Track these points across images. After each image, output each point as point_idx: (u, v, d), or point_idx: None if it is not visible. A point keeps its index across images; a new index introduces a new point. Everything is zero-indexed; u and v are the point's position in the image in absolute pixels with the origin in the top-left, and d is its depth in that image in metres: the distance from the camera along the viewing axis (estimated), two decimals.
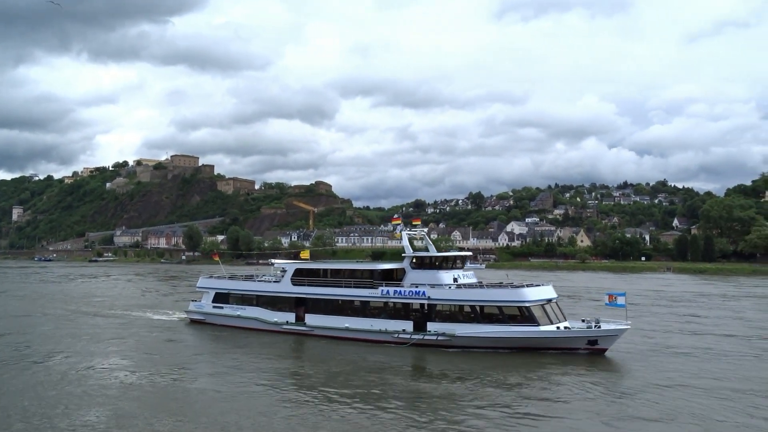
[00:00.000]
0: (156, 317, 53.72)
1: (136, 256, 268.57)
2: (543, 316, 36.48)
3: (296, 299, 44.23)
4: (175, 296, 76.84)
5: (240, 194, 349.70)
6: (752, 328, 47.61)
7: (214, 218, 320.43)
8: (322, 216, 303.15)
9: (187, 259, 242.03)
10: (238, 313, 47.16)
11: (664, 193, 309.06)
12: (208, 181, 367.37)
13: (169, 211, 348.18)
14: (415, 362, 34.86)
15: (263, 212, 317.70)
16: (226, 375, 31.31)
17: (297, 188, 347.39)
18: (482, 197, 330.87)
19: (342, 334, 40.89)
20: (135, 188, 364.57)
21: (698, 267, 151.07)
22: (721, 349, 37.99)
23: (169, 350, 38.48)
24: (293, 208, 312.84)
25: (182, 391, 27.98)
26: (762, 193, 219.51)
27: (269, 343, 41.01)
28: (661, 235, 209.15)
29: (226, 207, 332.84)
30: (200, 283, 51.86)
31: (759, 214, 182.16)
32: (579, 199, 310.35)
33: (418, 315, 39.13)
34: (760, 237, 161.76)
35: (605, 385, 29.00)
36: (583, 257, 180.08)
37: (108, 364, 33.85)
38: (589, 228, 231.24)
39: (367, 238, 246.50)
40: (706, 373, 31.04)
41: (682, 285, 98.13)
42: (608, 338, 35.55)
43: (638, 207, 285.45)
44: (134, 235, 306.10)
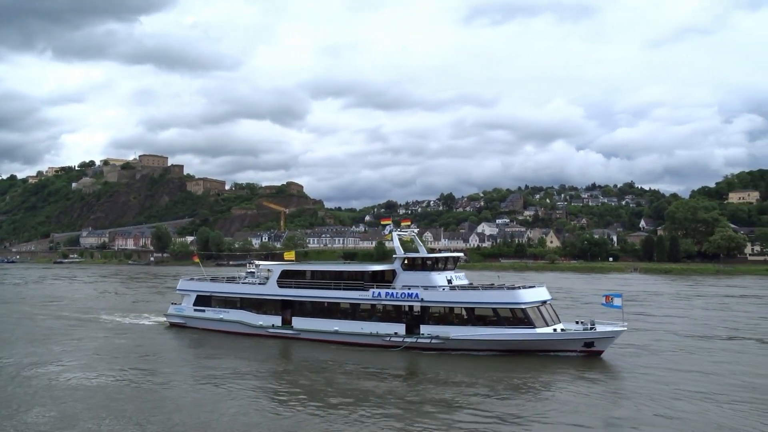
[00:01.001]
0: (133, 321, 51.94)
1: (102, 257, 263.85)
2: (539, 317, 35.79)
3: (282, 302, 42.96)
4: (150, 299, 74.97)
5: (210, 195, 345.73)
6: (695, 326, 48.90)
7: (183, 219, 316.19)
8: (293, 217, 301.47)
9: (156, 260, 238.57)
10: (221, 316, 45.71)
11: (631, 194, 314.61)
12: (178, 181, 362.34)
13: (137, 212, 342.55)
14: (408, 366, 34.08)
15: (234, 213, 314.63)
16: (203, 379, 30.33)
17: (268, 189, 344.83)
18: (453, 198, 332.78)
19: (331, 338, 39.68)
20: (102, 188, 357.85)
21: (664, 267, 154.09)
22: (657, 347, 38.48)
23: (145, 355, 37.18)
24: (264, 209, 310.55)
25: (152, 395, 27.40)
26: (725, 195, 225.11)
27: (253, 347, 39.72)
28: (628, 236, 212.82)
29: (195, 208, 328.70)
30: (180, 286, 50.32)
31: (722, 215, 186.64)
32: (548, 201, 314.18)
33: (410, 317, 38.22)
34: (723, 238, 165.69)
35: (604, 387, 28.58)
36: (553, 258, 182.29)
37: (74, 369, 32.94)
38: (559, 229, 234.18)
39: (338, 239, 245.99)
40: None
41: (641, 285, 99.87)
42: (605, 340, 35.07)
43: (606, 208, 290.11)
44: (101, 236, 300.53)
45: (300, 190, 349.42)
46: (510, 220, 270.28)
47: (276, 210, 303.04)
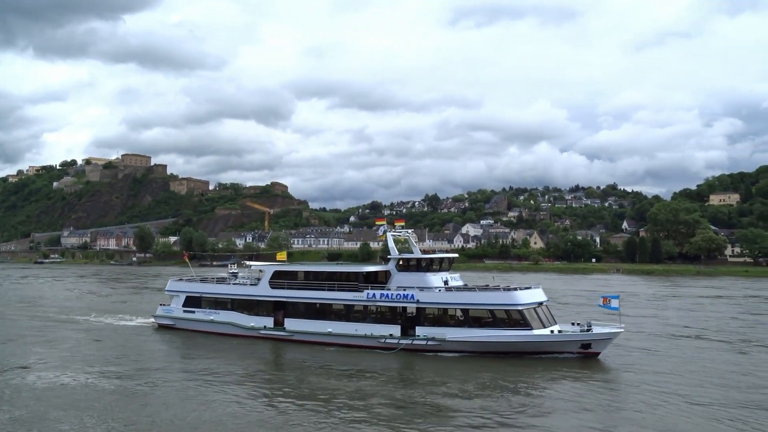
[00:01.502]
0: (119, 323, 50.91)
1: (84, 257, 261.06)
2: (536, 319, 35.41)
3: (275, 303, 42.27)
4: (136, 300, 73.82)
5: (194, 195, 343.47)
6: (665, 326, 49.31)
7: (166, 219, 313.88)
8: (277, 217, 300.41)
9: (138, 260, 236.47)
10: (212, 317, 44.89)
11: (614, 196, 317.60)
12: (161, 181, 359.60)
13: (119, 212, 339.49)
14: (403, 368, 33.58)
15: (218, 213, 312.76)
16: (192, 381, 29.71)
17: (252, 189, 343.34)
18: (438, 199, 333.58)
19: (324, 339, 39.14)
20: (84, 188, 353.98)
21: (646, 268, 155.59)
22: (630, 345, 39.00)
23: (132, 356, 36.47)
24: (248, 209, 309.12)
25: (138, 396, 26.97)
26: (706, 197, 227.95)
27: (245, 348, 39.03)
28: (610, 238, 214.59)
29: (179, 207, 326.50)
30: (169, 286, 49.45)
31: (703, 217, 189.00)
32: (532, 202, 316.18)
33: (406, 319, 37.62)
34: (704, 240, 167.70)
35: (602, 389, 28.40)
36: (537, 259, 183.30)
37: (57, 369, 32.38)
38: (542, 230, 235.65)
39: (323, 240, 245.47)
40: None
41: (620, 286, 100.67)
42: (602, 342, 34.80)
43: (589, 210, 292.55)
44: (82, 236, 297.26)
45: (284, 190, 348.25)
46: (494, 221, 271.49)
47: (260, 210, 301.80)
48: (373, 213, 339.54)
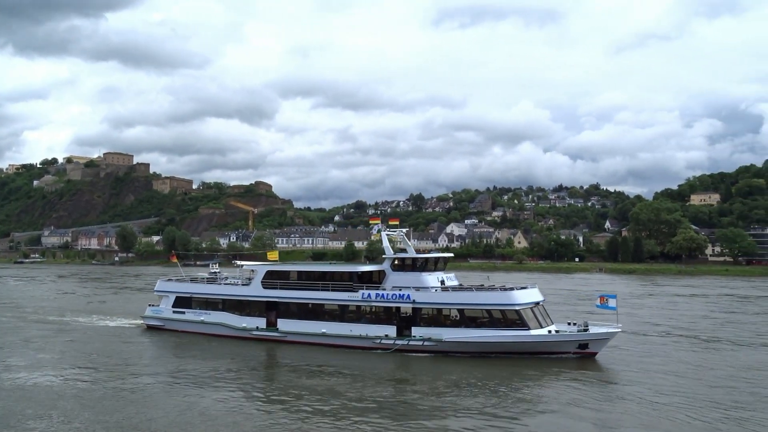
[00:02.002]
0: (106, 323, 50.08)
1: (65, 257, 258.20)
2: (533, 319, 35.22)
3: (267, 303, 41.72)
4: (122, 300, 72.80)
5: (177, 194, 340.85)
6: (638, 324, 49.79)
7: (149, 218, 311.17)
8: (262, 217, 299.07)
9: (121, 260, 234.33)
10: (202, 318, 44.27)
11: (596, 196, 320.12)
12: (143, 180, 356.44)
13: (101, 211, 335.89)
14: (399, 369, 33.24)
15: (201, 212, 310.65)
16: (181, 383, 29.46)
17: (236, 188, 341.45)
18: (423, 199, 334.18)
19: (318, 340, 38.75)
20: (65, 186, 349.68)
21: (628, 267, 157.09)
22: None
23: (120, 357, 35.89)
24: (232, 209, 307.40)
25: (126, 397, 26.66)
26: (687, 197, 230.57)
27: (237, 349, 38.59)
28: (593, 237, 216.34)
29: (162, 207, 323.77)
30: (159, 287, 48.69)
31: (684, 217, 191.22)
32: (516, 202, 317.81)
33: (401, 319, 37.35)
34: (685, 239, 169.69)
35: (600, 389, 28.33)
36: (520, 258, 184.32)
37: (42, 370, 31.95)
38: (526, 230, 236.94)
39: (307, 239, 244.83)
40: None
41: (598, 284, 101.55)
42: (599, 342, 34.67)
43: (572, 209, 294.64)
44: (63, 235, 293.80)
45: (269, 189, 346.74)
46: (478, 220, 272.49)
47: (244, 209, 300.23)
48: (358, 212, 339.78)
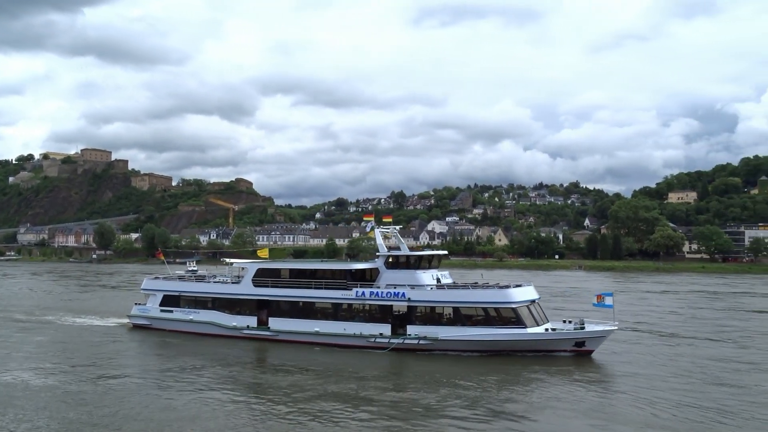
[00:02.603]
0: (90, 323, 48.97)
1: (42, 255, 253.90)
2: (529, 317, 35.18)
3: (258, 301, 41.24)
4: (105, 299, 71.33)
5: (156, 191, 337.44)
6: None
7: (127, 215, 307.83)
8: (242, 214, 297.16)
9: (99, 257, 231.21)
10: (191, 317, 43.62)
11: (576, 194, 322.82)
12: (122, 176, 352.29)
13: (78, 208, 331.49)
14: (394, 368, 32.98)
15: (181, 209, 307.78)
16: (168, 383, 28.86)
17: (216, 185, 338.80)
18: (404, 196, 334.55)
19: (311, 339, 38.26)
20: (41, 183, 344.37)
21: (607, 265, 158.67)
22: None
23: (104, 357, 35.21)
24: (212, 206, 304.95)
25: (109, 398, 26.16)
26: (665, 195, 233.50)
27: (227, 348, 37.99)
28: (573, 234, 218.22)
29: (140, 204, 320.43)
30: (145, 285, 47.89)
31: (662, 215, 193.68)
32: (497, 199, 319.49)
33: (396, 317, 37.05)
34: (662, 237, 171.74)
35: (597, 387, 28.30)
36: (501, 256, 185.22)
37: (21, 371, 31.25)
38: (507, 227, 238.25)
39: (288, 237, 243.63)
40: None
41: (574, 281, 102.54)
42: (595, 339, 34.67)
43: (553, 207, 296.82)
44: (40, 232, 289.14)
45: (249, 186, 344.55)
46: (460, 218, 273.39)
47: (224, 206, 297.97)
48: (339, 210, 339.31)
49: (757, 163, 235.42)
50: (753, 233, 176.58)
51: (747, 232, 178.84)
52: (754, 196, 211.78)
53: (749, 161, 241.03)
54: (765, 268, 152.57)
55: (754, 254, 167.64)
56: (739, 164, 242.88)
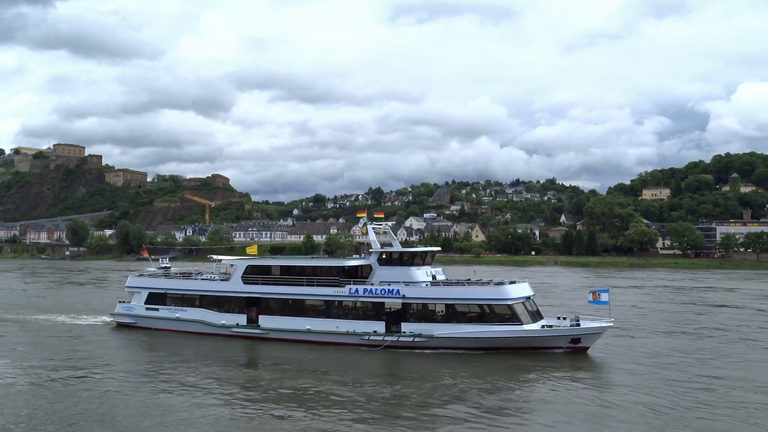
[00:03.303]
0: (72, 321, 47.48)
1: (13, 251, 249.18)
2: (525, 314, 34.91)
3: (248, 299, 40.50)
4: (86, 296, 69.32)
5: (131, 186, 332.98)
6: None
7: (101, 212, 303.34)
8: (219, 210, 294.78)
9: (72, 254, 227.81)
10: (178, 315, 42.74)
11: (552, 190, 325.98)
12: (96, 172, 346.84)
13: (51, 204, 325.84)
14: (389, 366, 32.52)
15: (156, 205, 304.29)
16: (154, 383, 28.13)
17: (192, 181, 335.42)
18: (382, 192, 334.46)
19: (303, 337, 37.63)
20: (12, 178, 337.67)
21: (582, 260, 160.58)
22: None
23: (86, 356, 34.32)
24: (188, 202, 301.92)
25: (89, 398, 25.51)
26: (639, 192, 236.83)
27: (215, 347, 37.15)
28: (549, 231, 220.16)
29: (115, 200, 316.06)
30: (130, 282, 46.58)
31: (636, 211, 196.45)
32: (474, 196, 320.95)
33: (391, 315, 36.65)
34: (637, 233, 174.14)
35: (594, 384, 28.20)
36: (478, 252, 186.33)
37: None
38: (484, 223, 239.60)
39: (266, 233, 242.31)
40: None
41: (544, 277, 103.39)
42: (591, 336, 34.46)
43: (529, 203, 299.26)
44: (11, 228, 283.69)
45: (226, 182, 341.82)
46: (437, 214, 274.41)
47: (201, 203, 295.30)
48: (317, 206, 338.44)
49: (729, 161, 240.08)
50: (724, 229, 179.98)
51: (718, 228, 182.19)
52: (725, 193, 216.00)
53: (721, 159, 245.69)
54: (735, 263, 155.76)
55: (725, 250, 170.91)
56: (711, 162, 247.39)
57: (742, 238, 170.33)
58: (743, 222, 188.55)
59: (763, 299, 69.00)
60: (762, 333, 43.24)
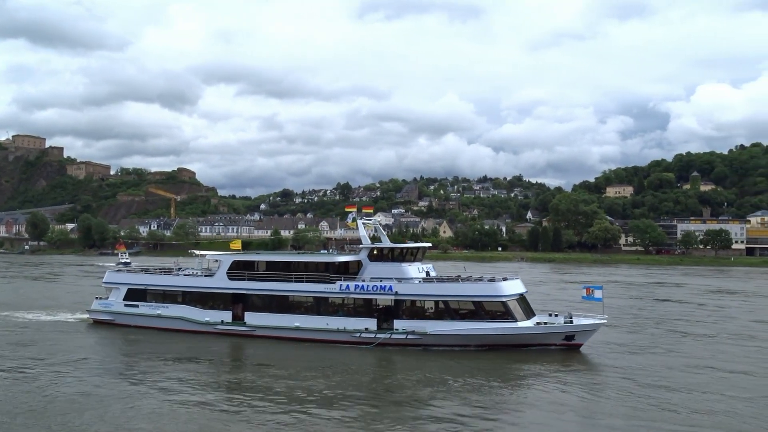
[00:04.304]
0: (42, 318, 45.60)
1: None
2: (519, 311, 34.65)
3: (233, 295, 39.42)
4: (54, 292, 66.05)
5: (93, 180, 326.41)
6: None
7: (63, 205, 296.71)
8: (184, 204, 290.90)
9: (31, 248, 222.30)
10: (159, 311, 41.39)
11: (519, 187, 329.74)
12: (57, 164, 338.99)
13: (9, 197, 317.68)
14: (381, 364, 31.81)
15: (120, 199, 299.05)
16: (133, 383, 26.92)
17: (157, 175, 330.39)
18: (350, 188, 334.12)
19: (290, 335, 36.80)
20: None
21: (548, 256, 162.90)
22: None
23: (61, 354, 32.97)
24: (153, 196, 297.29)
25: (64, 400, 24.63)
26: (603, 189, 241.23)
27: (198, 345, 36.00)
28: (516, 227, 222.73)
29: (77, 193, 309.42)
30: (108, 278, 44.90)
31: (600, 208, 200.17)
32: (442, 192, 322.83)
33: (382, 312, 35.98)
34: (600, 229, 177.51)
35: (588, 381, 28.02)
36: (445, 247, 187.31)
37: None
38: (451, 219, 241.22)
39: (232, 228, 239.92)
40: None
41: (506, 272, 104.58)
42: (585, 333, 34.24)
43: (496, 200, 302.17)
44: None
45: (192, 176, 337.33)
46: (405, 210, 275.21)
47: (166, 197, 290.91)
48: (285, 201, 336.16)
49: (690, 160, 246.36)
50: (684, 226, 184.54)
51: (679, 226, 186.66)
52: (686, 191, 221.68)
53: (682, 158, 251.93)
54: (695, 259, 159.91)
55: (685, 247, 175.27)
56: (673, 160, 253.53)
57: (701, 236, 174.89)
58: (703, 220, 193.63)
59: (707, 294, 71.04)
60: (696, 326, 44.49)
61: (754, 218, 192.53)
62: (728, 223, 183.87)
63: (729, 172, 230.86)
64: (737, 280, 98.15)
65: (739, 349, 35.89)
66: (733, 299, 66.19)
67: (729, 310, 54.90)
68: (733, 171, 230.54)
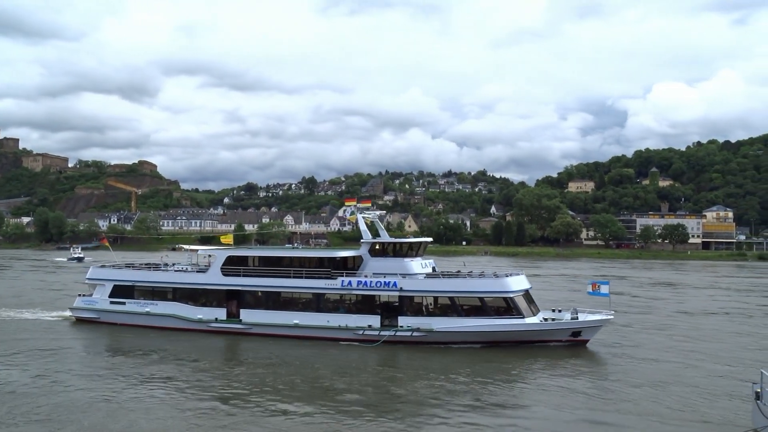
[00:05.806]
0: (21, 316, 43.66)
1: None
2: (525, 307, 34.16)
3: (228, 292, 38.24)
4: (24, 290, 62.71)
5: (50, 172, 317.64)
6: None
7: (18, 198, 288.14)
8: (146, 198, 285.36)
9: None
10: (147, 309, 40.02)
11: (483, 182, 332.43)
12: (12, 156, 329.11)
13: None
14: (386, 362, 31.01)
15: (78, 192, 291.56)
16: (119, 383, 25.89)
17: (117, 167, 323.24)
18: (315, 182, 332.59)
19: (289, 332, 35.83)
20: None
21: (511, 250, 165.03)
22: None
23: (43, 354, 31.55)
24: (113, 189, 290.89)
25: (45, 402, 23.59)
26: (565, 185, 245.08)
27: (191, 344, 34.89)
28: (480, 221, 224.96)
29: (33, 186, 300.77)
30: (92, 274, 43.40)
31: (563, 203, 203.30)
32: (407, 186, 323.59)
33: (386, 308, 35.15)
34: (562, 224, 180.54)
35: (594, 378, 27.74)
36: None
37: None
38: (417, 214, 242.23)
39: (195, 222, 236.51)
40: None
41: (474, 267, 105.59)
42: (592, 329, 33.94)
43: (461, 195, 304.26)
44: None
45: (153, 169, 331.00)
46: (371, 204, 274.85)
47: (126, 190, 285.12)
48: (249, 195, 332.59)
49: (648, 156, 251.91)
50: (643, 221, 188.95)
51: (638, 220, 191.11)
52: (645, 187, 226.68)
53: (641, 154, 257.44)
54: (653, 253, 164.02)
55: (644, 241, 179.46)
56: (633, 156, 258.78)
57: (660, 230, 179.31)
58: (661, 214, 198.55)
59: (647, 287, 72.95)
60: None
61: (710, 213, 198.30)
62: (685, 218, 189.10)
63: (686, 168, 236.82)
64: (682, 274, 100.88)
65: (647, 337, 37.06)
66: (667, 291, 68.36)
67: (656, 302, 56.85)
68: (690, 167, 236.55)
